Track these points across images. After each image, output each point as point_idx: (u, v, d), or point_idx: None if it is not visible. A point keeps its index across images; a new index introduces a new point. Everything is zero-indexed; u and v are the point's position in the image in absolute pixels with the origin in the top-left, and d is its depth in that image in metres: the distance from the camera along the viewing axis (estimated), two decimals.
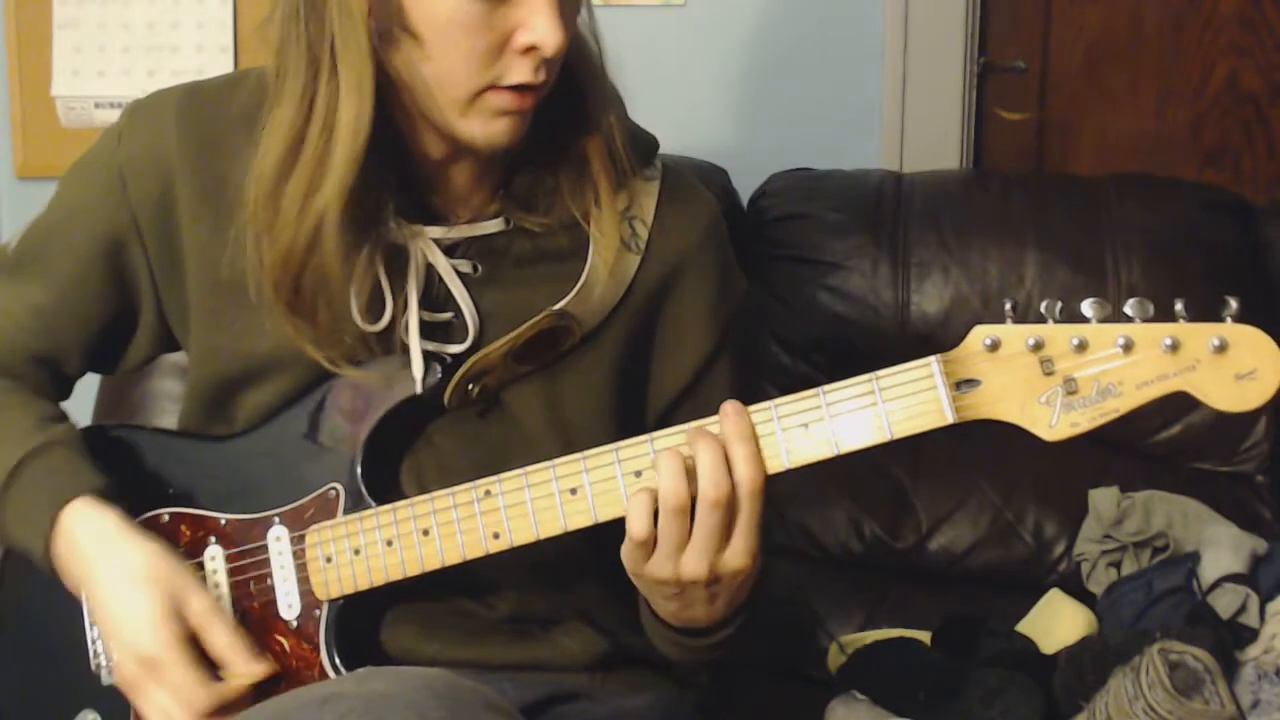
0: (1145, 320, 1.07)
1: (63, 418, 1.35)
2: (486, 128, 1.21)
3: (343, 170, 1.18)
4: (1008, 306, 1.10)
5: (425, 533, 1.23)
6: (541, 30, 1.16)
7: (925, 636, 1.87)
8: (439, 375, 1.27)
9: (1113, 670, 1.63)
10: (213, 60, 2.42)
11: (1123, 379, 1.07)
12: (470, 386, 1.27)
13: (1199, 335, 1.06)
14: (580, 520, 1.18)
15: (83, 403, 1.78)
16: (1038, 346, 1.08)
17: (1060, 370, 1.08)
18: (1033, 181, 2.27)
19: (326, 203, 1.19)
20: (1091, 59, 2.53)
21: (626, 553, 1.16)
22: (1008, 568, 2.06)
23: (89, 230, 1.33)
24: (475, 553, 1.20)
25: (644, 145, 1.35)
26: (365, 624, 1.30)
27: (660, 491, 1.12)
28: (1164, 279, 2.06)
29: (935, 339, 2.05)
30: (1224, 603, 1.79)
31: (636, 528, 1.13)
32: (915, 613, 1.98)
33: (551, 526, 1.19)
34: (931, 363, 1.11)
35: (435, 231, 1.27)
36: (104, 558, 1.24)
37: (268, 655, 1.26)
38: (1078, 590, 1.97)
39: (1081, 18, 2.52)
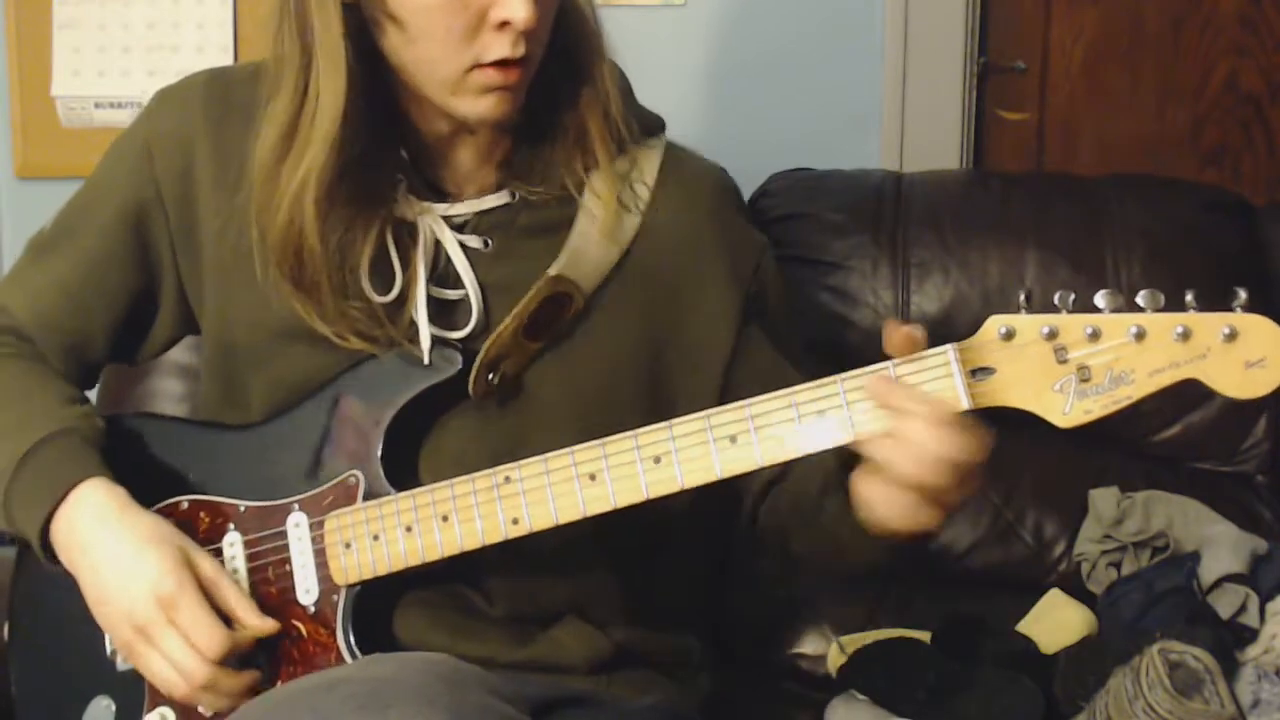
0: (1157, 310, 1.09)
1: (83, 400, 1.38)
2: (476, 104, 1.24)
3: (318, 149, 1.23)
4: (1022, 297, 1.13)
5: (444, 519, 1.24)
6: (513, 5, 1.19)
7: (925, 636, 1.87)
8: (459, 365, 1.29)
9: (1113, 670, 1.62)
10: (213, 60, 2.41)
11: (1135, 367, 1.09)
12: (490, 376, 1.29)
13: (1210, 324, 1.08)
14: (599, 505, 1.19)
15: None
16: (1052, 335, 1.11)
17: (1074, 358, 1.10)
18: (1033, 181, 2.27)
19: (303, 183, 1.24)
20: (1091, 59, 2.53)
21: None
22: (1008, 568, 2.06)
23: (116, 203, 1.37)
24: (494, 538, 1.22)
25: (650, 120, 1.40)
26: (381, 609, 1.31)
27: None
28: (1164, 279, 2.04)
29: (935, 339, 2.05)
30: (1224, 603, 1.79)
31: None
32: (915, 613, 1.97)
33: (571, 512, 1.20)
34: (948, 350, 1.13)
35: (443, 208, 1.31)
36: (108, 529, 1.25)
37: (284, 639, 1.28)
38: (1078, 590, 1.96)
39: (1081, 18, 2.52)
